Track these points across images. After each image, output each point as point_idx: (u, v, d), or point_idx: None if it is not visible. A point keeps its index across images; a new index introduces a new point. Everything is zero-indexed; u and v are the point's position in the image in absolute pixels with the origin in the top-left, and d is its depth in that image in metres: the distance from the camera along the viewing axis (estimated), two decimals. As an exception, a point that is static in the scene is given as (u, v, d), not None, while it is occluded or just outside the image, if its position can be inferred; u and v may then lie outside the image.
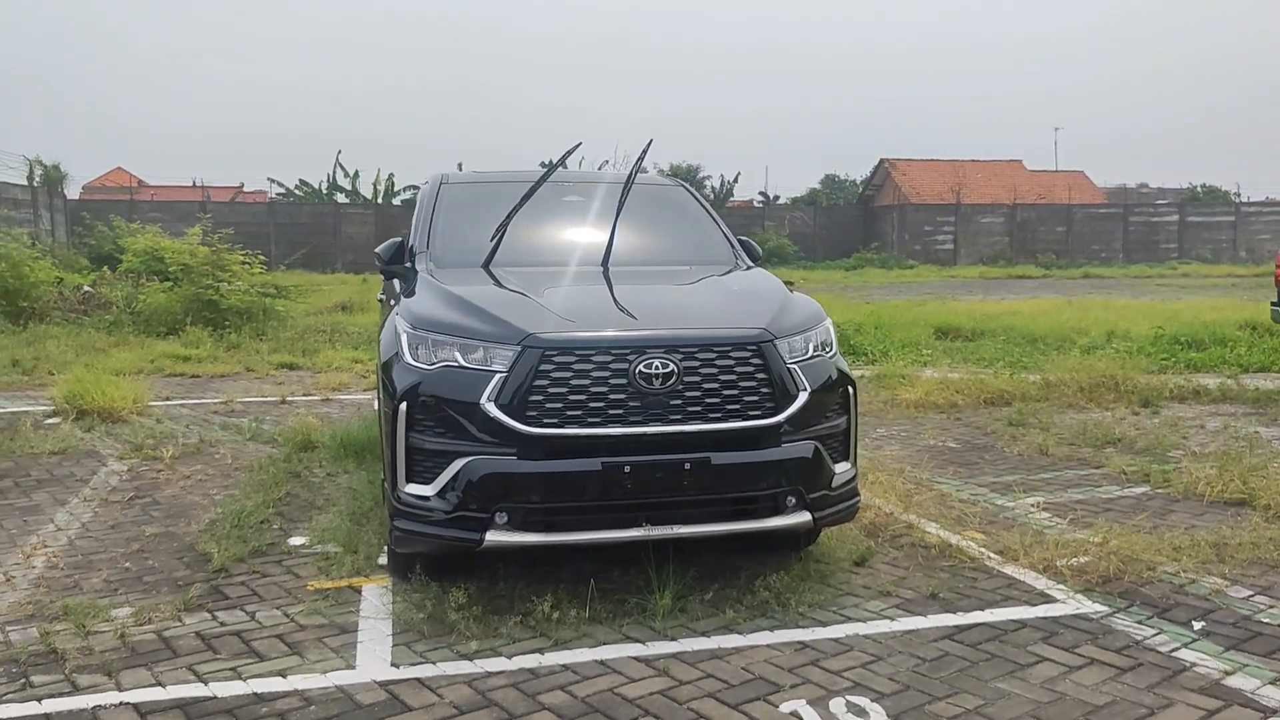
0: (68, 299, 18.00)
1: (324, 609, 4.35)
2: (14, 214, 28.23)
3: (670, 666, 3.76)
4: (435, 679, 3.68)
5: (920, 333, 14.22)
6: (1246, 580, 4.66)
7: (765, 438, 4.22)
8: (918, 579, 4.70)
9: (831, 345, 4.65)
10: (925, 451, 7.50)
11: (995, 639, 4.04)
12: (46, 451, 7.55)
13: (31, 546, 5.25)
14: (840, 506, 4.48)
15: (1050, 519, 5.70)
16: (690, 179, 44.45)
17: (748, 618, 4.22)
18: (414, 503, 4.14)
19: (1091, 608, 4.35)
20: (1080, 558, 4.89)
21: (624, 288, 4.89)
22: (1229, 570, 4.78)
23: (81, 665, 3.79)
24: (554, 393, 4.04)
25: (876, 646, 3.96)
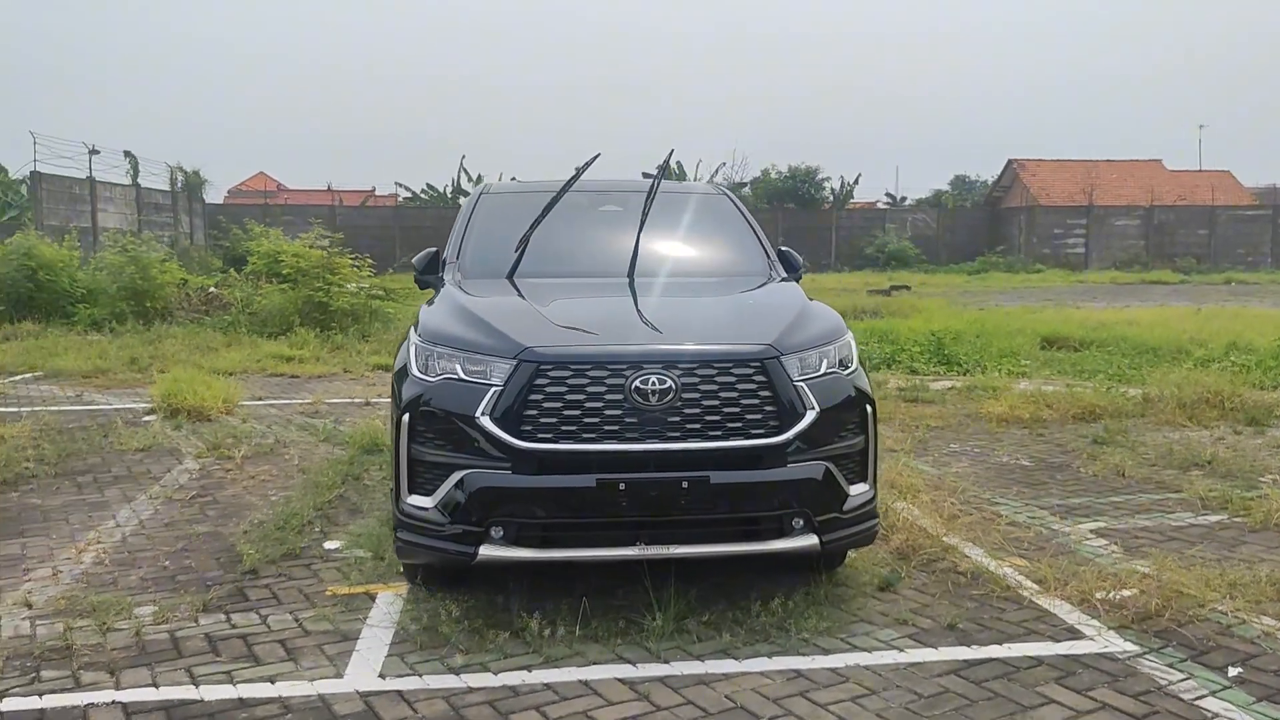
0: (191, 300, 18.88)
1: (333, 615, 4.42)
2: (155, 218, 29.87)
3: (652, 691, 3.68)
4: (416, 692, 3.69)
5: (1023, 342, 13.67)
6: (1305, 623, 4.30)
7: (769, 457, 4.10)
8: (941, 608, 4.49)
9: (850, 362, 4.48)
10: (994, 469, 7.19)
11: (1004, 676, 3.82)
12: (132, 448, 7.91)
13: (86, 542, 5.49)
14: (854, 530, 4.32)
15: (1105, 547, 5.39)
16: (808, 180, 43.92)
17: (747, 642, 4.11)
18: (415, 514, 4.17)
19: (1120, 647, 4.08)
20: (1123, 591, 4.60)
21: (641, 300, 4.82)
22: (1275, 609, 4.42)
23: (90, 662, 3.94)
24: (549, 407, 4.01)
25: (875, 679, 3.80)
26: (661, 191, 5.99)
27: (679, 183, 6.41)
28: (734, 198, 6.02)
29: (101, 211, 26.55)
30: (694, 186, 6.25)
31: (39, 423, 8.84)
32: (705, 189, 6.17)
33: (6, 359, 13.17)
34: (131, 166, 28.79)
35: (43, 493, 6.59)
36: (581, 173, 5.50)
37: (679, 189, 6.29)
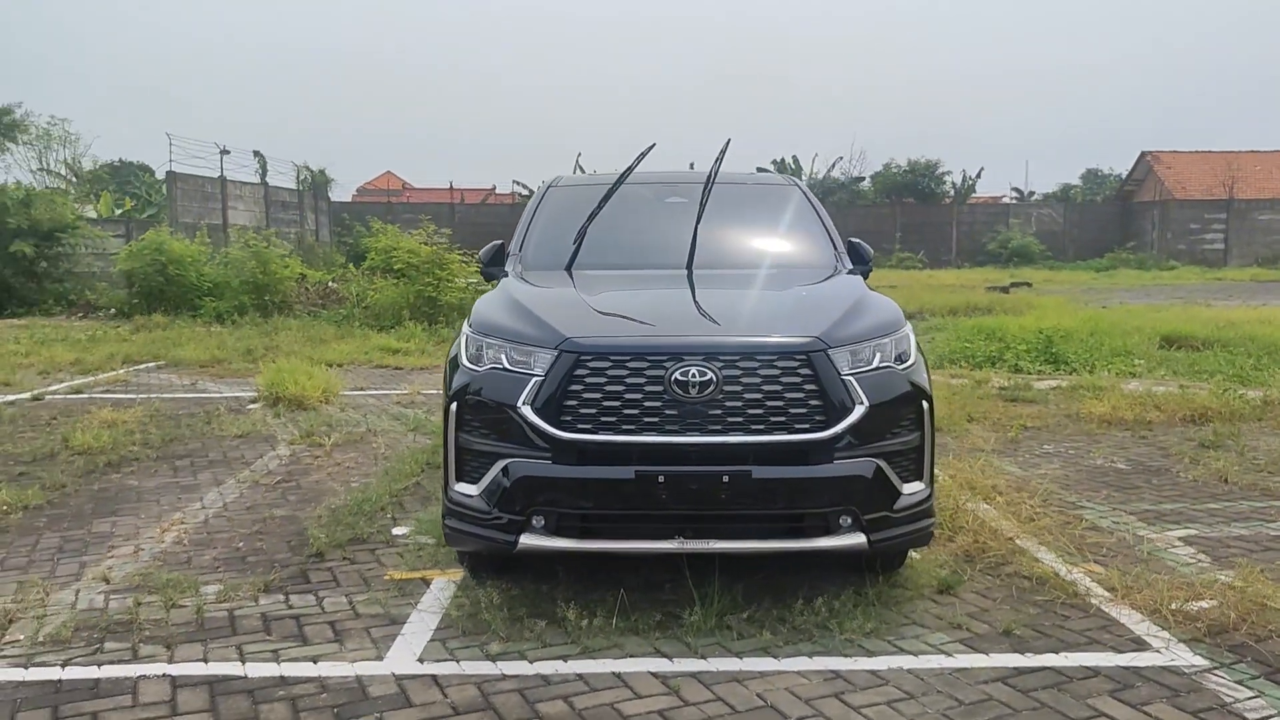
0: (309, 294, 19.57)
1: (386, 599, 4.50)
2: (282, 215, 31.04)
3: (683, 686, 3.64)
4: (450, 677, 3.73)
5: (1139, 341, 13.06)
6: (1401, 643, 3.98)
7: (815, 452, 4.00)
8: (1000, 613, 4.32)
9: (908, 356, 4.34)
10: (1085, 472, 6.89)
11: (1055, 686, 3.65)
12: (231, 434, 8.24)
13: (170, 522, 5.74)
14: (906, 530, 4.18)
15: (1192, 555, 5.10)
16: (928, 175, 42.90)
17: (790, 640, 4.02)
18: (462, 501, 4.22)
19: (1188, 660, 3.85)
20: (1201, 602, 4.34)
21: (696, 293, 4.77)
22: (1380, 629, 4.10)
23: (151, 636, 4.11)
24: (589, 398, 4.00)
25: (915, 683, 3.67)
26: (732, 183, 5.95)
27: (751, 174, 6.33)
28: (805, 189, 5.90)
29: (231, 209, 27.72)
30: (765, 177, 6.16)
31: (150, 409, 9.28)
32: (777, 179, 6.06)
33: (133, 349, 13.86)
34: (260, 166, 29.98)
35: (142, 475, 6.91)
36: (637, 164, 5.47)
37: (750, 180, 6.20)
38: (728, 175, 6.16)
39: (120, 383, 11.27)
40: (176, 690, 3.62)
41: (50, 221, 20.56)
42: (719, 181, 5.94)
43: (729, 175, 6.16)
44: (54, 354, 13.30)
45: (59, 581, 4.76)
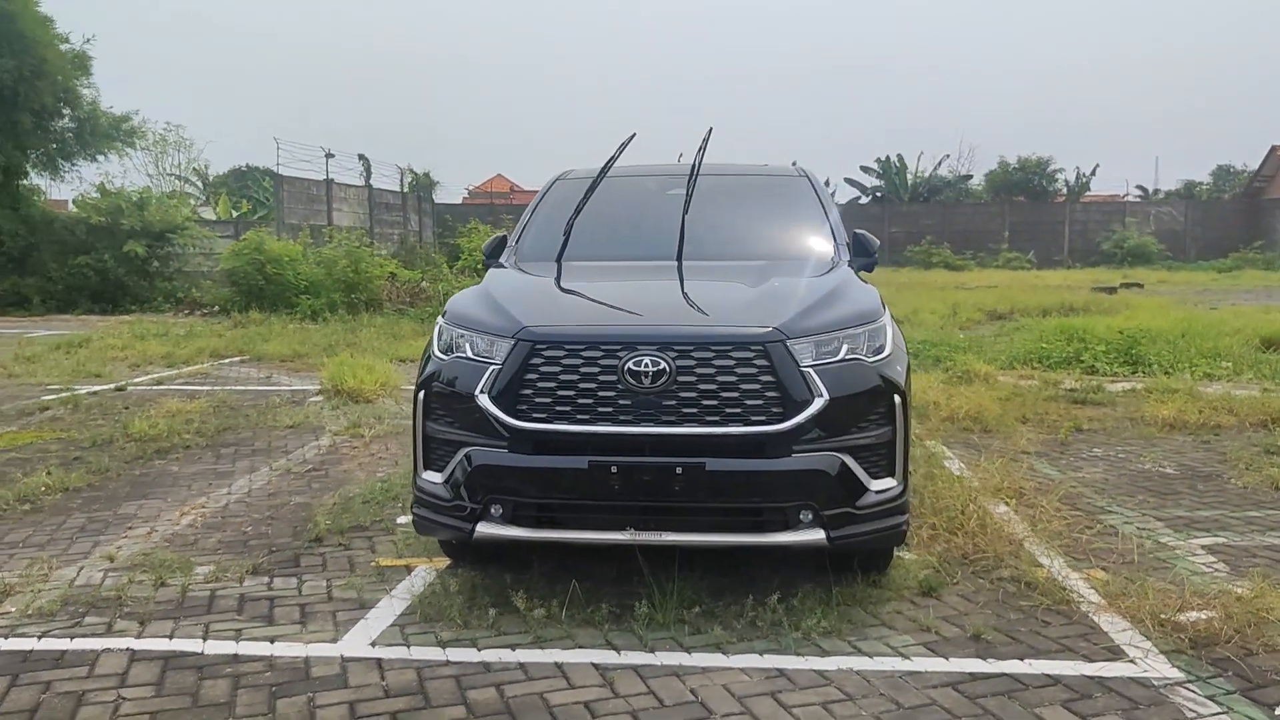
0: (399, 292, 20.06)
1: (363, 584, 4.58)
2: (385, 217, 31.89)
3: (619, 679, 3.60)
4: (394, 661, 3.77)
5: (1235, 343, 12.37)
6: None
7: (772, 446, 3.90)
8: (978, 616, 4.15)
9: (883, 349, 4.20)
10: (1128, 476, 6.56)
11: (1006, 694, 3.49)
12: (284, 425, 8.49)
13: (191, 506, 5.95)
14: (872, 527, 4.05)
15: (1211, 564, 4.81)
16: (1039, 172, 41.55)
17: (745, 637, 3.94)
18: (427, 489, 4.26)
19: (1162, 672, 3.63)
20: (1199, 613, 4.09)
21: (673, 284, 4.72)
22: (1388, 647, 3.80)
23: (130, 612, 4.26)
24: (543, 387, 3.99)
25: (859, 685, 3.55)
26: (740, 174, 5.90)
27: (759, 165, 6.21)
28: (814, 181, 5.77)
29: (336, 211, 28.57)
30: (774, 169, 6.03)
31: (215, 400, 9.63)
32: (786, 171, 5.93)
33: (222, 344, 14.42)
34: (365, 169, 30.82)
35: (185, 461, 7.18)
36: (619, 154, 5.42)
37: (758, 171, 6.10)
38: (734, 167, 6.09)
39: (201, 375, 11.74)
40: (132, 664, 3.75)
41: (162, 223, 21.56)
42: (725, 174, 5.89)
43: (735, 167, 6.09)
44: (148, 348, 13.92)
45: (68, 559, 4.98)
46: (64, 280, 21.00)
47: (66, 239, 21.32)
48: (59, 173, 22.56)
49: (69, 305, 20.89)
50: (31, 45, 19.71)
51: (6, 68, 19.20)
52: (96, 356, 13.14)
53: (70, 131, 22.00)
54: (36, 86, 20.02)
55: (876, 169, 45.55)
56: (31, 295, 20.79)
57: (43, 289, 20.89)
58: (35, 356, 13.13)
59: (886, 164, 45.50)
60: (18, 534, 5.41)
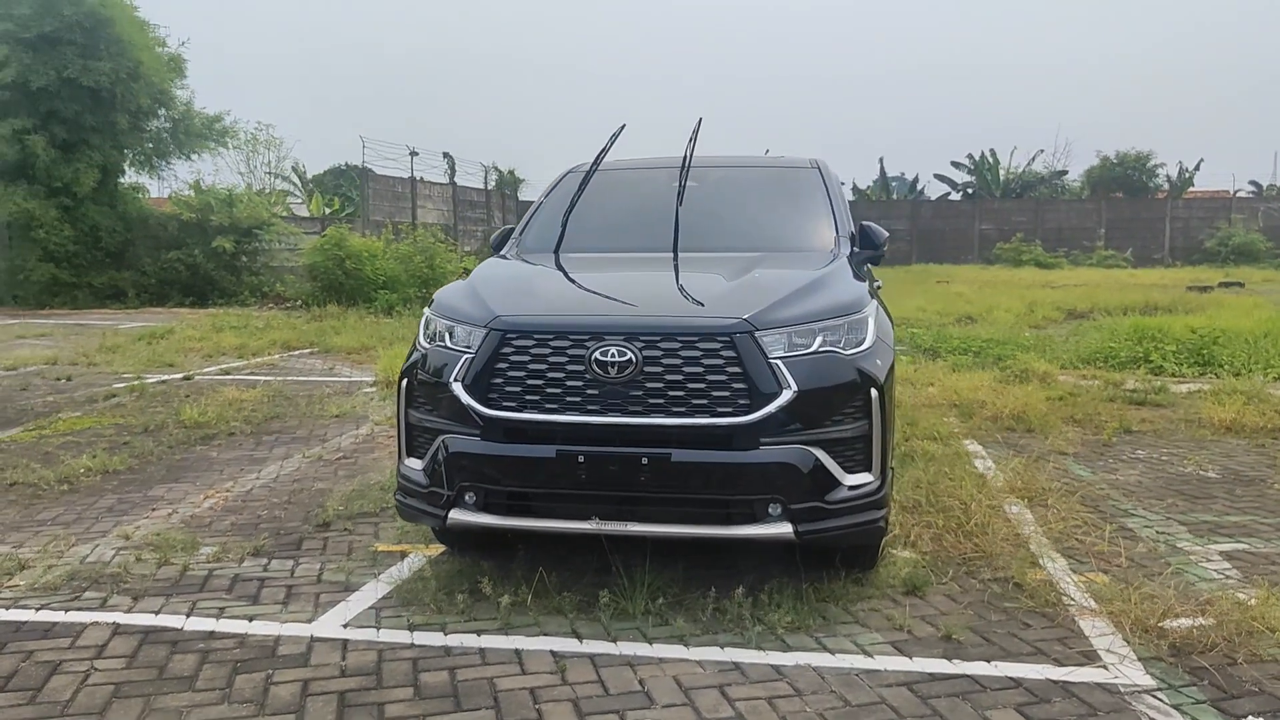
0: (472, 287, 20.36)
1: (354, 568, 4.68)
2: (470, 214, 32.42)
3: (572, 667, 3.61)
4: (359, 643, 3.84)
5: (1320, 343, 11.78)
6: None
7: (738, 438, 3.86)
8: (957, 617, 4.05)
9: (861, 343, 4.12)
10: (1165, 479, 6.31)
11: (961, 695, 3.40)
12: (330, 414, 8.71)
13: (217, 490, 6.14)
14: (844, 522, 3.97)
15: (1223, 571, 4.61)
16: (1139, 167, 40.12)
17: (710, 630, 3.91)
18: (408, 476, 4.33)
19: (1134, 679, 3.50)
20: (1190, 620, 3.93)
21: (662, 275, 4.71)
22: (1386, 661, 3.59)
23: (128, 588, 4.43)
24: (513, 376, 4.02)
25: (812, 681, 3.50)
26: (750, 166, 5.85)
27: (771, 156, 6.13)
28: (825, 173, 5.67)
29: (421, 208, 29.16)
30: (785, 160, 5.94)
31: (272, 390, 9.93)
32: (798, 162, 5.84)
33: (295, 336, 14.84)
34: (449, 166, 31.39)
35: (226, 447, 7.42)
36: (610, 145, 5.41)
37: (769, 163, 6.02)
38: (744, 159, 6.05)
39: (268, 366, 12.11)
40: (114, 637, 3.90)
41: (249, 219, 22.26)
42: (734, 165, 5.85)
43: (746, 159, 6.04)
44: (224, 340, 14.42)
45: (88, 537, 5.19)
46: (157, 274, 21.85)
47: (160, 235, 22.18)
48: (155, 171, 23.48)
49: (162, 298, 21.72)
50: (128, 49, 20.54)
51: (104, 70, 20.05)
52: (174, 347, 13.66)
53: (165, 131, 22.85)
54: (132, 89, 20.86)
55: (968, 164, 44.55)
56: (127, 288, 21.68)
57: (137, 283, 21.77)
58: (118, 347, 13.69)
59: (981, 160, 44.46)
60: (50, 512, 5.66)
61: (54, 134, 20.26)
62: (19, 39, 19.57)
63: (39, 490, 6.11)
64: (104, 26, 20.27)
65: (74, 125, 20.46)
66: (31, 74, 19.61)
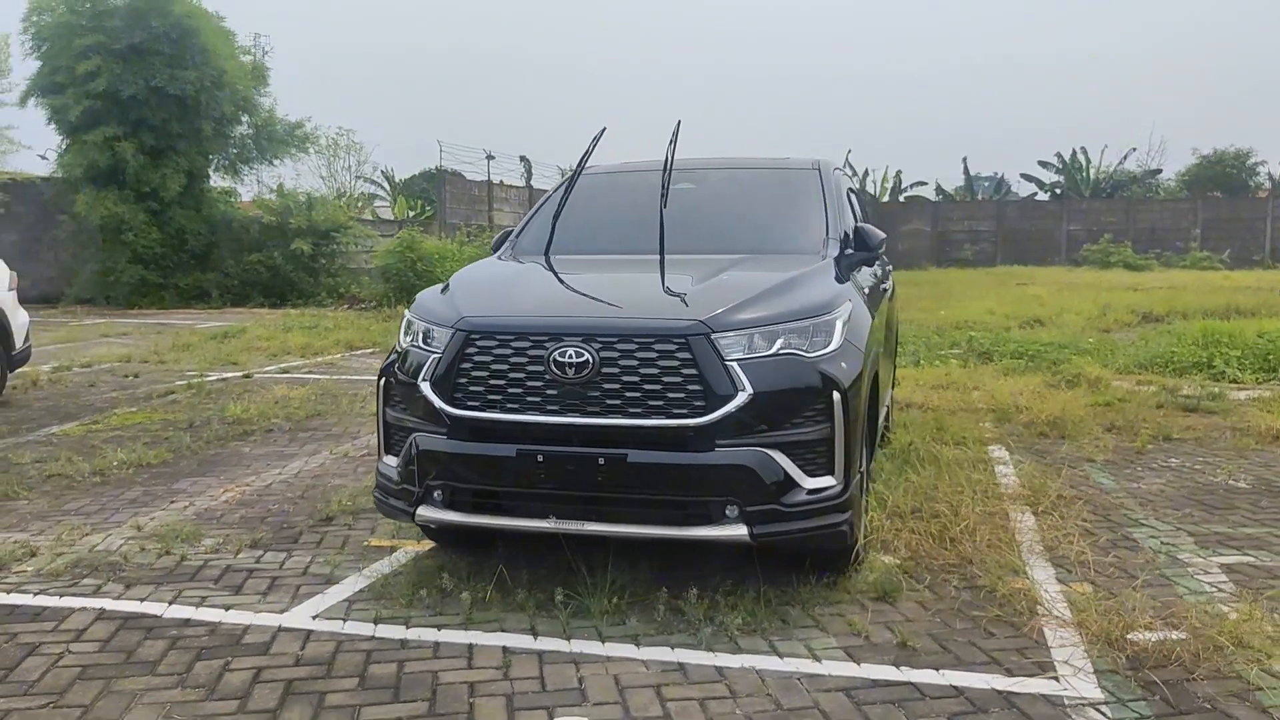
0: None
1: (341, 562, 4.81)
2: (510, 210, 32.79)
3: (517, 663, 3.67)
4: (322, 634, 3.96)
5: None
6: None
7: (694, 440, 3.87)
8: (922, 624, 3.99)
9: (826, 345, 4.09)
10: (1190, 489, 6.11)
11: (897, 702, 3.36)
12: (370, 412, 8.91)
13: (239, 484, 6.36)
14: (802, 525, 3.95)
15: (1221, 584, 4.45)
16: (1238, 165, 38.60)
17: (665, 630, 3.93)
18: (384, 473, 4.44)
19: (1082, 691, 3.41)
20: (1164, 633, 3.82)
21: (640, 276, 4.74)
22: (1358, 681, 3.44)
23: (123, 576, 4.63)
24: (477, 375, 4.09)
25: (750, 684, 3.49)
26: (750, 168, 5.85)
27: (773, 158, 6.08)
28: (825, 174, 5.61)
29: (496, 210, 29.61)
30: (785, 161, 5.88)
31: (319, 388, 10.21)
32: (800, 164, 5.79)
33: (359, 336, 15.22)
34: (525, 170, 31.81)
35: (260, 444, 7.66)
36: (593, 148, 5.43)
37: (770, 164, 5.98)
38: (746, 160, 6.03)
39: (327, 365, 12.44)
40: (95, 622, 4.08)
41: (327, 222, 22.89)
42: (734, 167, 5.85)
43: (748, 160, 6.02)
44: (291, 339, 14.85)
45: (104, 527, 5.42)
46: (239, 275, 22.60)
47: (242, 237, 22.95)
48: (239, 176, 24.31)
49: (243, 299, 22.46)
50: (212, 58, 21.31)
51: (189, 79, 20.83)
52: (242, 346, 14.12)
53: (248, 137, 23.64)
54: (216, 96, 21.63)
55: (1056, 164, 43.42)
56: (211, 289, 22.47)
57: (220, 284, 22.54)
58: (190, 345, 14.21)
59: (1070, 159, 43.31)
60: (77, 502, 5.94)
61: (142, 141, 21.10)
62: (110, 50, 20.45)
63: (73, 481, 6.40)
64: (190, 37, 21.07)
65: (161, 132, 21.30)
66: (121, 83, 20.47)
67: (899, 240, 39.08)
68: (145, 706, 3.37)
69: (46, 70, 21.09)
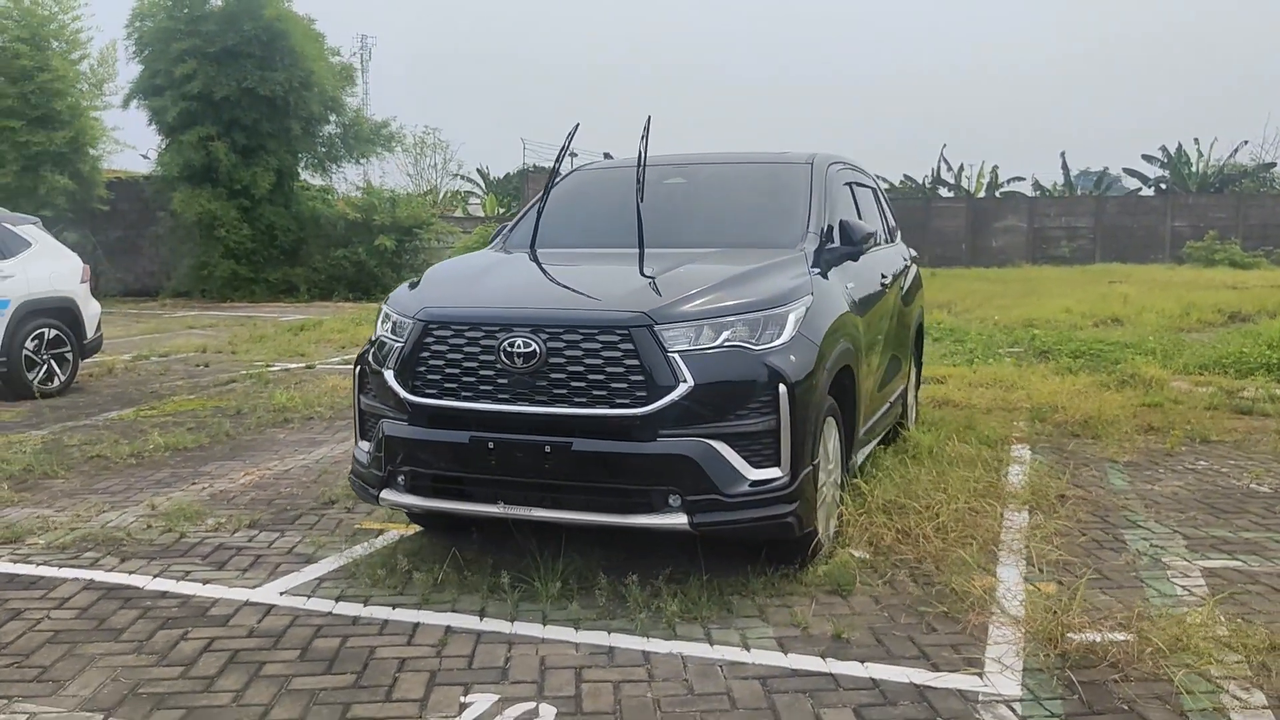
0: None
1: (327, 543, 5.00)
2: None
3: (453, 642, 3.79)
4: (283, 609, 4.14)
5: None
6: None
7: (636, 429, 3.94)
8: (866, 618, 3.99)
9: (775, 338, 4.11)
10: (1207, 492, 5.91)
11: (809, 692, 3.37)
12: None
13: (261, 468, 6.64)
14: (744, 516, 3.98)
15: (1195, 587, 4.33)
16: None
17: (607, 615, 4.01)
18: (358, 458, 4.61)
19: (999, 689, 3.38)
20: (1110, 634, 3.75)
21: (607, 268, 4.83)
22: None
23: (122, 550, 4.91)
24: (434, 364, 4.23)
25: (671, 669, 3.55)
26: (742, 163, 5.88)
27: (767, 152, 6.05)
28: (816, 169, 5.56)
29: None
30: (786, 156, 5.84)
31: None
32: (793, 159, 5.76)
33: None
34: (609, 166, 32.06)
35: (296, 430, 7.97)
36: (568, 143, 5.49)
37: (764, 159, 5.97)
38: (741, 155, 6.05)
39: (388, 357, 12.78)
40: (80, 592, 4.35)
41: (409, 219, 23.50)
42: (727, 162, 5.88)
43: (742, 155, 6.05)
44: (361, 332, 15.28)
45: (122, 505, 5.73)
46: (326, 270, 23.35)
47: (330, 233, 23.70)
48: (327, 174, 25.08)
49: (329, 293, 23.20)
50: (301, 60, 22.05)
51: (278, 80, 21.60)
52: (314, 339, 14.62)
53: (336, 136, 24.39)
54: (305, 97, 22.38)
55: (1160, 158, 41.82)
56: (299, 284, 23.27)
57: (308, 278, 23.32)
58: (265, 337, 14.78)
59: (1176, 153, 41.68)
60: (107, 482, 6.28)
61: (234, 140, 21.96)
62: (205, 53, 21.34)
63: (110, 463, 6.77)
64: (280, 39, 21.84)
65: (252, 132, 22.13)
66: (215, 85, 21.35)
67: (992, 237, 38.20)
68: (98, 669, 3.59)
69: (147, 74, 22.11)
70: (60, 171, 21.57)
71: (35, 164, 21.22)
